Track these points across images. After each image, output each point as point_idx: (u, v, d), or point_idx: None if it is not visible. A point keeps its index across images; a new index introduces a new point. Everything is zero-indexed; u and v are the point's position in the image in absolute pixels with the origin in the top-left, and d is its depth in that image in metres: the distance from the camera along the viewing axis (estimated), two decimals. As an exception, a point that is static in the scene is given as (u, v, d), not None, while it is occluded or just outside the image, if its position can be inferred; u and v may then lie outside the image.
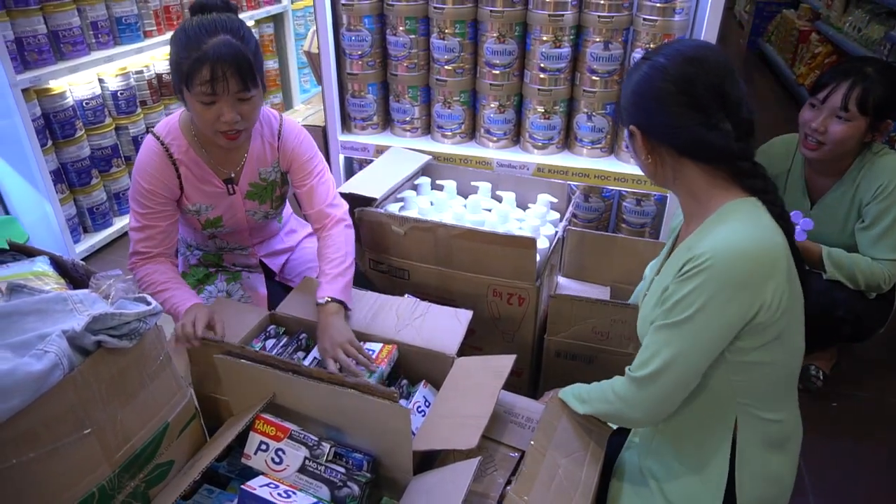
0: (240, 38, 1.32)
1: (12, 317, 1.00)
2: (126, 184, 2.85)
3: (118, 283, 1.09)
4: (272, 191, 1.60)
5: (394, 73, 2.07)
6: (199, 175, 1.48)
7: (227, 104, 1.32)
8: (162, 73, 2.98)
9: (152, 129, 1.48)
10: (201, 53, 1.27)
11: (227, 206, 1.55)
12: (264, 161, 1.55)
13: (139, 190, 1.44)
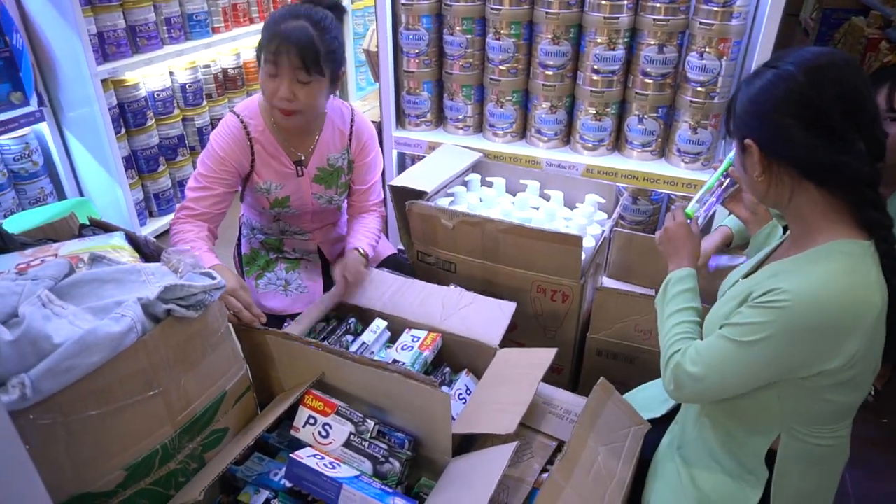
0: (317, 28, 1.41)
1: (93, 284, 1.10)
2: (190, 172, 2.99)
3: (187, 258, 1.17)
4: (338, 177, 1.68)
5: (449, 71, 2.13)
6: (272, 154, 1.57)
7: (286, 82, 1.41)
8: (227, 68, 3.12)
9: (233, 109, 1.58)
10: (277, 30, 1.40)
11: (295, 187, 1.63)
12: (334, 148, 1.64)
13: (211, 154, 1.53)
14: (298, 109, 1.46)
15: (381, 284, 1.63)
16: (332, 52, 1.44)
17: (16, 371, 0.88)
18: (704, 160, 1.98)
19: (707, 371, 1.02)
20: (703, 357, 1.03)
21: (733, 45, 1.83)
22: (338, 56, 1.47)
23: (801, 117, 0.92)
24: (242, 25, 3.14)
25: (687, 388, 1.05)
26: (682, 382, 1.06)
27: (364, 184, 1.72)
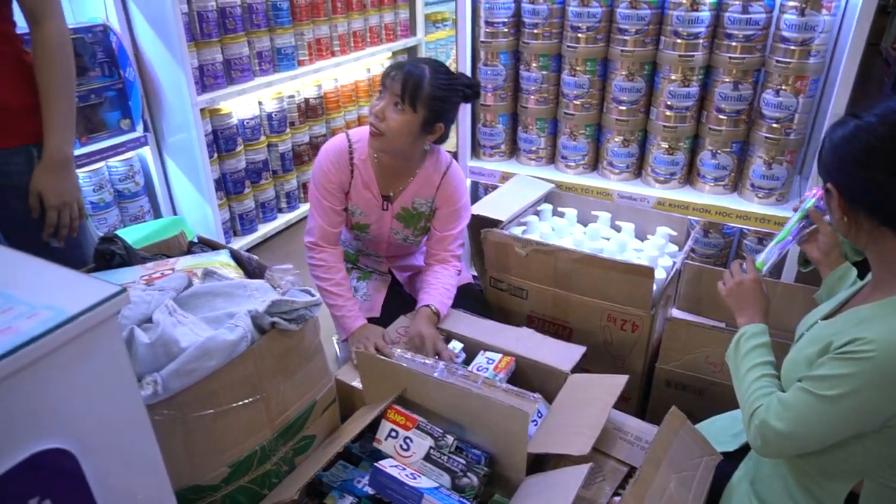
0: (433, 73, 1.51)
1: (207, 296, 1.22)
2: (272, 195, 3.18)
3: (287, 276, 1.28)
4: (418, 220, 1.75)
5: (524, 105, 2.21)
6: (366, 183, 1.67)
7: (383, 101, 1.52)
8: (309, 98, 3.31)
9: (347, 131, 1.69)
10: (401, 64, 1.53)
11: (377, 218, 1.73)
12: (422, 193, 1.71)
13: (319, 165, 1.65)
14: (382, 132, 1.54)
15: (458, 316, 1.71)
16: (434, 99, 1.51)
17: (149, 370, 1.00)
18: (779, 195, 1.98)
19: (793, 427, 1.02)
20: (789, 413, 1.03)
21: (811, 83, 1.84)
22: (437, 107, 1.53)
23: (879, 169, 0.96)
24: (324, 59, 3.33)
25: (773, 444, 1.06)
26: (769, 440, 1.06)
27: (444, 230, 1.74)
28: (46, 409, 0.79)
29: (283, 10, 2.99)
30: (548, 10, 2.04)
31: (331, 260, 1.68)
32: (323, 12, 3.26)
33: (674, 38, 1.90)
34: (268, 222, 3.18)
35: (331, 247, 1.69)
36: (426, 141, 1.62)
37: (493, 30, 2.13)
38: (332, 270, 1.67)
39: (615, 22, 1.97)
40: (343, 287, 1.67)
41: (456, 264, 1.78)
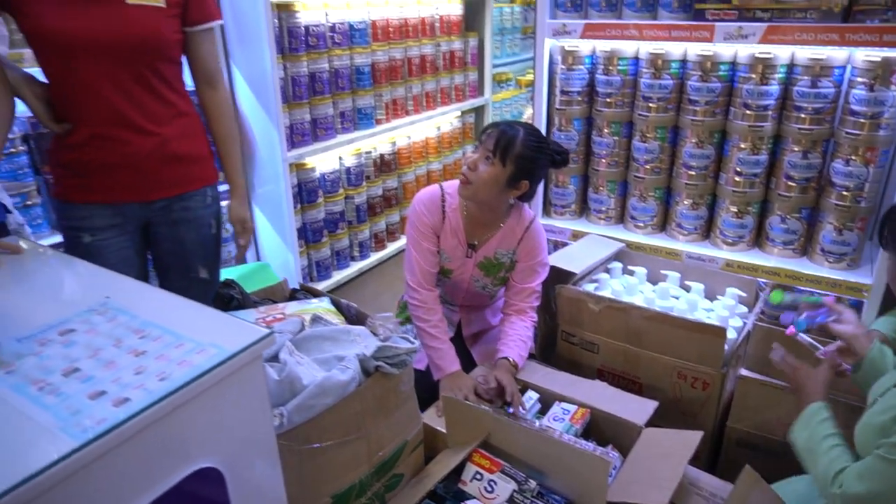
0: (526, 134, 1.66)
1: (317, 339, 1.36)
2: (346, 244, 3.36)
3: (388, 323, 1.41)
4: (498, 270, 1.86)
5: (595, 168, 2.33)
6: (454, 230, 1.80)
7: (476, 154, 1.67)
8: (384, 154, 3.52)
9: (441, 182, 1.84)
10: (499, 123, 1.69)
11: (460, 264, 1.85)
12: (504, 245, 1.82)
13: (414, 211, 1.79)
14: (472, 181, 1.67)
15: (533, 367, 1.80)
16: (522, 157, 1.64)
17: (276, 404, 1.13)
18: (850, 261, 2.02)
19: (873, 492, 1.07)
20: (867, 480, 1.08)
21: (881, 154, 1.90)
22: (525, 165, 1.65)
23: None
24: (399, 117, 3.56)
25: None
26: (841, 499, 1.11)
27: (524, 283, 1.83)
28: (206, 431, 0.92)
29: (365, 74, 3.24)
30: (620, 81, 2.18)
31: (430, 301, 1.78)
32: (400, 75, 3.51)
33: (743, 109, 2.00)
34: (342, 269, 3.36)
35: (429, 288, 1.80)
36: (511, 195, 1.74)
37: (568, 98, 2.28)
38: (431, 312, 1.78)
39: (686, 93, 2.09)
40: (440, 329, 1.77)
41: (533, 316, 1.86)
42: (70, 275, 1.21)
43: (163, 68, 1.53)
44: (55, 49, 1.42)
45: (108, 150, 1.51)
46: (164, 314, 1.03)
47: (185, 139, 1.61)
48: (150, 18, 1.47)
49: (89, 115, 1.49)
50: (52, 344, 0.95)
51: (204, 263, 1.74)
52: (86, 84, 1.45)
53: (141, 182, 1.57)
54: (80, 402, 0.81)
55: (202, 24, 1.59)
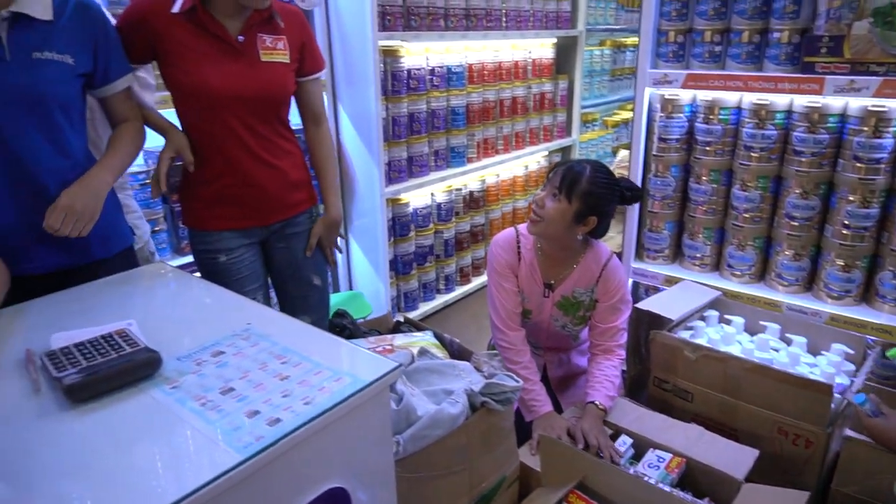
0: (593, 171, 1.71)
1: (425, 372, 1.43)
2: (433, 277, 3.46)
3: (493, 360, 1.47)
4: (577, 309, 1.89)
5: (692, 214, 2.33)
6: (530, 271, 1.86)
7: (544, 192, 1.74)
8: (473, 191, 3.62)
9: (517, 225, 1.91)
10: (567, 161, 1.77)
11: (538, 304, 1.89)
12: (581, 283, 1.85)
13: (495, 254, 1.87)
14: (540, 218, 1.74)
15: (625, 407, 1.80)
16: (589, 194, 1.69)
17: (393, 432, 1.20)
18: (969, 323, 1.92)
19: None
20: None
21: None
22: (591, 201, 1.69)
23: None
24: (490, 156, 3.66)
25: None
26: None
27: (606, 323, 1.84)
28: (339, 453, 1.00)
29: (460, 115, 3.37)
30: (721, 130, 2.19)
31: (518, 342, 1.83)
32: (492, 116, 3.62)
33: (854, 161, 1.96)
34: (428, 301, 3.45)
35: (516, 328, 1.85)
36: (579, 231, 1.77)
37: (666, 145, 2.30)
38: (520, 353, 1.82)
39: (790, 144, 2.07)
40: (531, 370, 1.81)
41: (620, 354, 1.86)
42: (214, 300, 1.34)
43: (282, 111, 1.74)
44: (198, 99, 1.60)
45: (239, 184, 1.70)
46: (301, 342, 1.13)
47: (296, 169, 1.80)
48: (278, 73, 1.67)
49: (224, 154, 1.67)
50: (206, 364, 1.06)
51: (315, 272, 1.92)
52: (223, 128, 1.64)
53: (264, 208, 1.76)
54: (238, 419, 0.91)
55: (314, 74, 1.80)
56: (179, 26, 1.55)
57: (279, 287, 1.94)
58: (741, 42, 2.09)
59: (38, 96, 1.32)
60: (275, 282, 1.94)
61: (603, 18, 4.60)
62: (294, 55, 1.69)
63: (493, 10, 3.44)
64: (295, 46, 1.69)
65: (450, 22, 3.17)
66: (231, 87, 1.59)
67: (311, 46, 1.77)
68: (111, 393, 0.97)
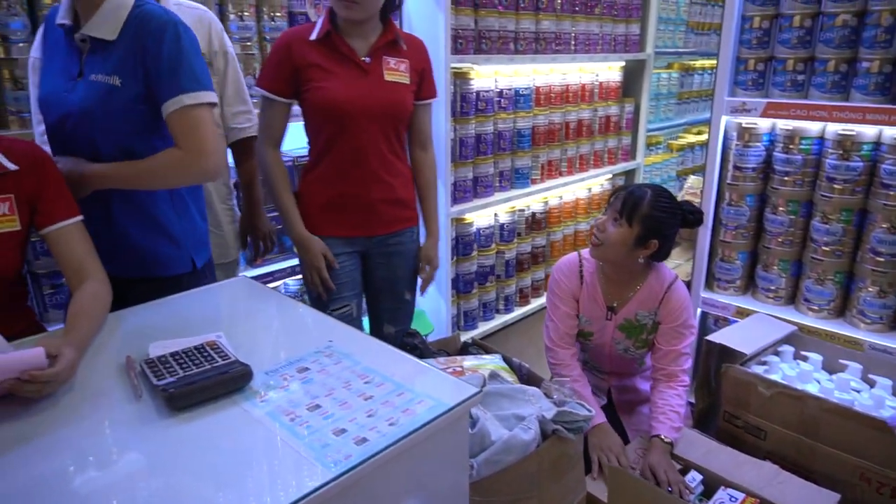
0: (654, 196, 1.73)
1: (496, 396, 1.44)
2: (493, 297, 3.47)
3: (563, 388, 1.46)
4: (640, 332, 1.87)
5: (767, 245, 2.26)
6: (592, 294, 1.87)
7: (605, 216, 1.77)
8: (536, 212, 3.62)
9: (580, 250, 1.93)
10: (628, 186, 1.78)
11: (601, 327, 1.89)
12: (644, 306, 1.85)
13: (556, 279, 1.91)
14: (601, 242, 1.76)
15: (694, 440, 1.76)
16: (650, 218, 1.70)
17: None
18: None
19: None
20: None
21: None
22: (652, 225, 1.71)
23: None
24: (553, 178, 3.66)
25: None
26: None
27: (669, 346, 1.82)
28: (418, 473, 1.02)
29: (526, 137, 3.38)
30: (802, 160, 2.13)
31: (567, 359, 1.87)
32: (557, 138, 3.62)
33: (947, 196, 1.88)
34: (487, 321, 3.45)
35: (566, 346, 1.88)
36: (641, 254, 1.77)
37: (742, 174, 2.25)
38: (569, 368, 1.86)
39: (877, 176, 1.99)
40: (581, 384, 1.83)
41: (684, 380, 1.82)
42: (295, 316, 1.39)
43: (400, 130, 1.85)
44: (326, 113, 1.74)
45: (351, 194, 1.83)
46: (381, 362, 1.16)
47: (404, 187, 1.91)
48: (400, 92, 1.80)
49: (343, 166, 1.79)
50: (293, 379, 1.10)
51: (408, 288, 2.03)
52: (345, 141, 1.77)
53: (371, 220, 1.87)
54: (326, 436, 0.94)
55: (427, 99, 1.92)
56: (316, 50, 1.73)
57: (372, 297, 2.03)
58: (826, 71, 2.03)
59: (87, 115, 1.38)
60: (369, 292, 2.03)
61: (672, 41, 4.54)
62: (414, 78, 1.82)
63: (563, 33, 3.45)
64: (415, 70, 1.83)
65: (519, 45, 3.21)
66: (357, 101, 1.73)
67: (429, 74, 1.89)
68: (206, 403, 1.02)
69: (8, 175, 1.23)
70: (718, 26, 5.13)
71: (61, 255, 1.31)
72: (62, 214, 1.31)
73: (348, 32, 1.75)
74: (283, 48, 1.73)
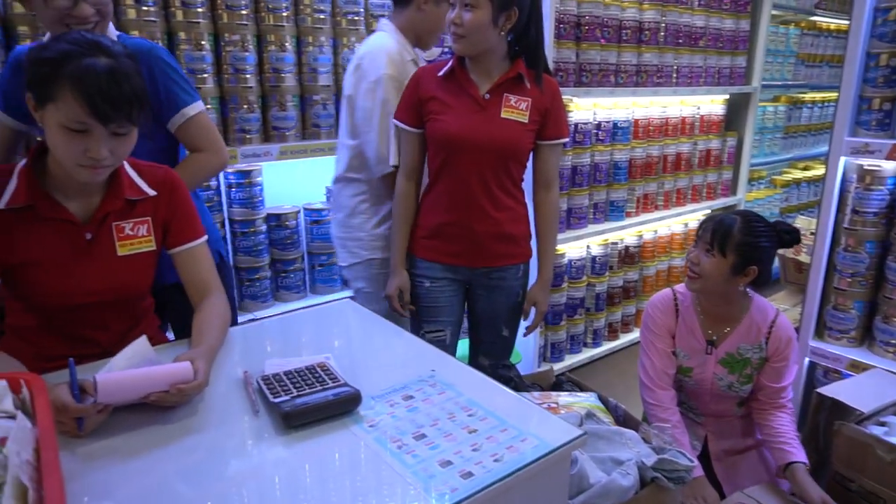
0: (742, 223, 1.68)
1: (592, 437, 1.41)
2: (581, 330, 3.41)
3: (664, 434, 1.42)
4: (743, 367, 1.80)
5: (888, 296, 2.11)
6: (690, 328, 1.82)
7: (697, 249, 1.74)
8: (629, 246, 3.55)
9: (674, 287, 1.90)
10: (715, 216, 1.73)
11: (701, 361, 1.82)
12: (747, 340, 1.79)
13: (651, 315, 1.86)
14: (697, 275, 1.73)
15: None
16: (743, 245, 1.66)
17: (563, 496, 1.20)
18: None
19: None
20: None
21: None
22: (747, 252, 1.67)
23: None
24: (648, 212, 3.58)
25: None
26: None
27: (779, 383, 1.79)
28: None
29: (622, 170, 3.34)
30: (931, 207, 1.98)
31: (667, 402, 1.80)
32: (654, 171, 3.54)
33: None
34: (574, 353, 3.40)
35: (665, 388, 1.82)
36: (741, 282, 1.72)
37: (862, 219, 2.12)
38: (668, 412, 1.79)
39: None
40: (679, 430, 1.76)
41: (790, 407, 1.81)
42: (400, 342, 1.43)
43: (512, 167, 1.84)
44: (445, 145, 1.79)
45: (456, 224, 1.86)
46: (484, 395, 1.17)
47: (513, 223, 1.89)
48: (514, 129, 1.79)
49: (452, 196, 1.84)
50: (398, 406, 1.14)
51: (508, 324, 2.00)
52: (456, 172, 1.81)
53: (473, 252, 1.88)
54: (433, 466, 0.96)
55: (554, 140, 1.88)
56: (441, 86, 1.80)
57: (472, 328, 2.06)
58: (962, 113, 1.89)
59: None
60: (470, 322, 2.06)
61: (780, 74, 4.36)
62: (534, 117, 1.81)
63: (665, 66, 3.40)
64: (538, 109, 1.81)
65: (620, 78, 3.19)
66: (468, 135, 1.77)
67: (557, 115, 1.86)
68: (318, 423, 1.07)
69: (147, 199, 1.35)
70: (831, 59, 4.91)
71: (187, 272, 1.42)
72: (190, 236, 1.42)
73: (473, 69, 1.80)
74: (413, 82, 1.83)
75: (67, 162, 1.17)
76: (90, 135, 1.14)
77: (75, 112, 1.11)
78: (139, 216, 1.34)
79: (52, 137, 1.16)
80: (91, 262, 1.28)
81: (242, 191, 2.26)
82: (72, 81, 1.10)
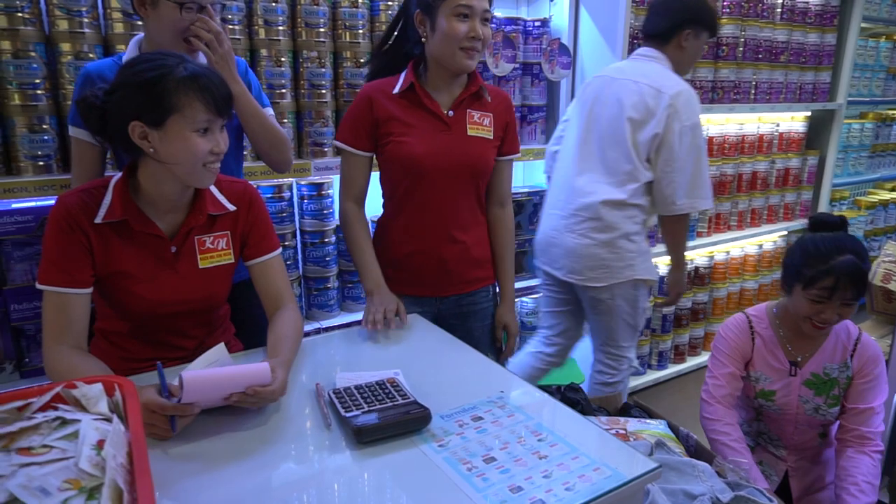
0: (858, 258, 1.57)
1: (663, 468, 1.37)
2: (646, 351, 3.32)
3: (740, 469, 1.36)
4: (831, 388, 1.71)
5: None
6: (771, 349, 1.75)
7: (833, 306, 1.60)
8: (699, 266, 3.43)
9: (746, 310, 1.82)
10: (829, 267, 1.57)
11: (785, 384, 1.74)
12: (832, 359, 1.71)
13: (724, 337, 1.80)
14: (830, 323, 1.62)
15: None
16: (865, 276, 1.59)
17: (633, 529, 1.17)
18: None
19: None
20: None
21: None
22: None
23: None
24: (721, 232, 3.46)
25: None
26: None
27: (861, 403, 1.69)
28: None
29: (694, 187, 3.24)
30: None
31: (727, 417, 1.73)
32: (728, 190, 3.43)
33: None
34: (638, 376, 3.31)
35: (727, 406, 1.74)
36: None
37: (961, 247, 1.98)
38: (729, 426, 1.72)
39: None
40: (742, 445, 1.69)
41: (879, 445, 1.66)
42: (467, 361, 1.43)
43: (481, 186, 1.75)
44: (410, 169, 1.65)
45: (425, 255, 1.73)
46: (554, 420, 1.16)
47: (479, 245, 1.80)
48: (482, 147, 1.70)
49: (415, 223, 1.71)
50: (468, 427, 1.13)
51: (490, 347, 1.91)
52: (426, 199, 1.69)
53: (442, 280, 1.77)
54: (503, 492, 0.95)
55: (509, 155, 1.80)
56: (398, 104, 1.65)
57: None
58: None
59: None
60: None
61: (868, 90, 4.14)
62: (498, 133, 1.73)
63: (743, 82, 3.29)
64: (499, 125, 1.73)
65: (695, 94, 3.10)
66: (436, 157, 1.64)
67: (513, 129, 1.78)
68: (388, 440, 1.08)
69: (227, 214, 1.41)
70: (927, 74, 4.62)
71: (262, 283, 1.46)
72: (267, 248, 1.46)
73: (434, 86, 1.67)
74: (364, 102, 1.66)
75: (194, 168, 1.24)
76: (211, 133, 1.23)
77: (200, 113, 1.20)
78: (219, 230, 1.39)
79: (176, 150, 1.21)
80: (175, 274, 1.34)
81: (314, 202, 2.32)
82: (191, 86, 1.18)
